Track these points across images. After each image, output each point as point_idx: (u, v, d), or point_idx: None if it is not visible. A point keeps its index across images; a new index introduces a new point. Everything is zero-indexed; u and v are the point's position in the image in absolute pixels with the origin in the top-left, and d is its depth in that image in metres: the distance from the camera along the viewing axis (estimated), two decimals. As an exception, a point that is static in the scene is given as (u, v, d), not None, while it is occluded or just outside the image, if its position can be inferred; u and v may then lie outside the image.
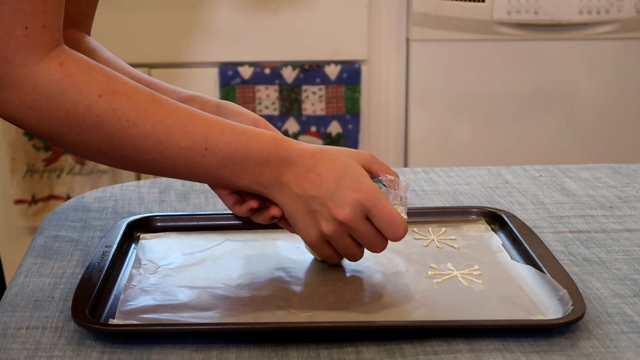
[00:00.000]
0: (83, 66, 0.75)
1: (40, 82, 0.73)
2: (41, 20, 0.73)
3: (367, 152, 0.84)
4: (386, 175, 0.83)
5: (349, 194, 0.79)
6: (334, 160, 0.80)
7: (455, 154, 2.26)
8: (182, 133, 0.77)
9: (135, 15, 2.11)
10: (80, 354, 0.74)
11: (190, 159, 0.78)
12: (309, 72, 2.16)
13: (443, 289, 0.84)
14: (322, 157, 0.80)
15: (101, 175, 2.19)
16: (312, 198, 0.80)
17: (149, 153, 0.77)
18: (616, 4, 2.16)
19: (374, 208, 0.79)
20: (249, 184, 0.81)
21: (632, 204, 1.08)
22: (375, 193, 0.79)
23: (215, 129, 0.78)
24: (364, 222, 0.80)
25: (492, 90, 2.23)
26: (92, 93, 0.74)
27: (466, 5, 2.13)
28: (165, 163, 0.78)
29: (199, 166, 0.79)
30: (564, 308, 0.77)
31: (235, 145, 0.79)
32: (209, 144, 0.78)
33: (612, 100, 2.26)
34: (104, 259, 0.87)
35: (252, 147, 0.79)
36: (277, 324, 0.77)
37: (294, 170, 0.80)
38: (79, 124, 0.75)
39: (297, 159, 0.80)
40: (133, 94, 0.76)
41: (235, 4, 2.13)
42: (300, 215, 0.81)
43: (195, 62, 2.16)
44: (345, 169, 0.80)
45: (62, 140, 0.77)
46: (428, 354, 0.73)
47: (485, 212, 1.00)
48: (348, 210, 0.79)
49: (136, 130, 0.76)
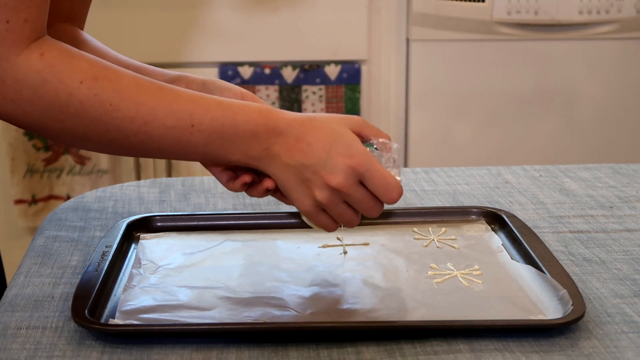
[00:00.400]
0: (64, 55, 0.75)
1: (22, 74, 0.73)
2: (24, 15, 0.73)
3: (357, 117, 0.83)
4: (377, 139, 0.82)
5: (340, 160, 0.78)
6: (323, 128, 0.79)
7: (455, 154, 2.26)
8: (167, 112, 0.77)
9: (135, 15, 2.11)
10: (80, 354, 0.74)
11: (177, 137, 0.77)
12: (309, 72, 2.16)
13: (443, 289, 0.84)
14: (312, 125, 0.79)
15: (101, 175, 2.19)
16: (304, 167, 0.79)
17: (136, 135, 0.77)
18: (616, 4, 2.16)
19: (367, 172, 0.78)
20: (239, 158, 0.80)
21: (632, 204, 1.08)
22: (367, 157, 0.78)
23: (200, 106, 0.78)
24: (357, 187, 0.79)
25: (492, 90, 2.23)
26: (74, 80, 0.74)
27: (466, 5, 2.13)
28: (153, 144, 0.78)
29: (186, 144, 0.78)
30: (564, 308, 0.77)
31: (222, 120, 0.78)
32: (195, 121, 0.77)
33: (612, 100, 2.26)
34: (104, 259, 0.87)
35: (239, 121, 0.78)
36: (277, 324, 0.77)
37: (283, 141, 0.79)
38: (63, 112, 0.75)
39: (286, 129, 0.79)
40: (115, 77, 0.76)
41: (235, 4, 2.13)
42: (293, 185, 0.80)
43: (195, 62, 2.16)
44: (335, 136, 0.79)
45: (48, 130, 0.77)
46: (428, 354, 0.73)
47: (485, 212, 1.00)
48: (341, 177, 0.78)
49: (120, 113, 0.75)
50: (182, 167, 2.19)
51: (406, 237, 0.96)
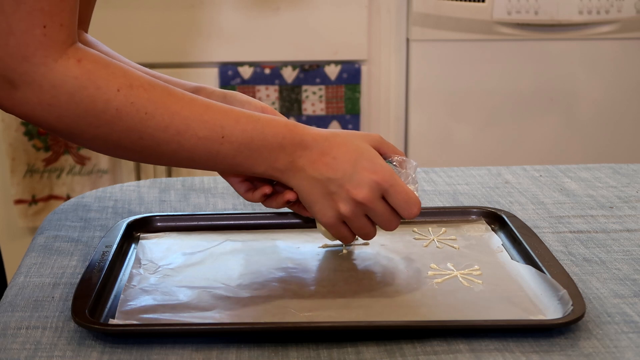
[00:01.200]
0: (100, 62, 0.76)
1: (59, 80, 0.74)
2: (59, 19, 0.74)
3: (376, 134, 0.86)
4: (396, 156, 0.86)
5: (366, 175, 0.81)
6: (347, 144, 0.82)
7: (455, 154, 2.26)
8: (200, 123, 0.78)
9: (135, 15, 2.11)
10: (80, 354, 0.74)
11: (208, 148, 0.79)
12: (309, 72, 2.16)
13: (443, 289, 0.84)
14: (336, 140, 0.82)
15: (101, 175, 2.19)
16: (329, 180, 0.82)
17: (168, 144, 0.78)
18: (616, 4, 2.16)
19: (391, 188, 0.82)
20: (264, 170, 0.82)
21: (632, 204, 1.08)
22: (391, 173, 0.82)
23: (230, 118, 0.80)
24: (380, 201, 0.82)
25: (492, 90, 2.23)
26: (111, 88, 0.75)
27: (466, 5, 2.13)
28: (184, 153, 0.79)
29: (216, 155, 0.80)
30: (564, 308, 0.77)
31: (251, 133, 0.80)
32: (226, 132, 0.79)
33: (612, 100, 2.26)
34: (104, 259, 0.87)
35: (267, 134, 0.80)
36: (277, 324, 0.77)
37: (308, 155, 0.82)
38: (99, 118, 0.76)
39: (312, 143, 0.82)
40: (149, 87, 0.77)
41: (236, 4, 2.13)
42: (317, 197, 0.83)
43: (195, 62, 2.16)
44: (359, 151, 0.82)
45: (82, 136, 0.77)
46: (428, 354, 0.73)
47: (485, 212, 1.00)
48: (366, 191, 0.81)
49: (155, 122, 0.77)
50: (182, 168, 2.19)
51: (406, 237, 0.96)
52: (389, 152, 0.86)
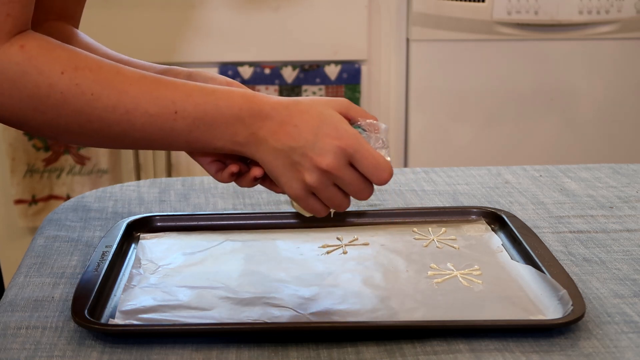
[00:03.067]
0: (44, 46, 0.74)
1: (1, 67, 0.73)
2: (5, 9, 0.72)
3: (343, 99, 0.81)
4: (365, 120, 0.81)
5: (329, 141, 0.77)
6: (309, 110, 0.78)
7: (455, 154, 2.26)
8: (149, 99, 0.76)
9: (135, 15, 2.11)
10: (80, 354, 0.74)
11: (161, 125, 0.76)
12: (309, 72, 2.16)
13: (443, 289, 0.84)
14: (297, 108, 0.78)
15: (101, 175, 2.19)
16: (291, 150, 0.77)
17: (118, 124, 0.76)
18: (616, 4, 2.16)
19: (357, 153, 0.77)
20: (224, 144, 0.79)
21: (632, 204, 1.08)
22: (356, 138, 0.77)
23: (182, 92, 0.77)
24: (347, 168, 0.77)
25: (492, 90, 2.23)
26: (54, 71, 0.73)
27: (466, 5, 2.13)
28: (136, 133, 0.77)
29: (170, 132, 0.77)
30: (564, 308, 0.77)
31: (205, 106, 0.77)
32: (178, 107, 0.76)
33: (612, 100, 2.26)
34: (104, 259, 0.87)
35: (222, 106, 0.77)
36: (277, 324, 0.77)
37: (269, 125, 0.78)
38: (44, 103, 0.74)
39: (271, 112, 0.78)
40: (95, 67, 0.75)
41: (236, 4, 2.13)
42: (281, 169, 0.79)
43: (195, 62, 2.16)
44: (322, 118, 0.78)
45: (29, 123, 0.76)
46: (428, 354, 0.73)
47: (485, 212, 1.00)
48: (330, 158, 0.76)
49: (102, 102, 0.75)
50: (182, 167, 2.19)
51: (406, 237, 0.96)
52: (357, 116, 0.81)
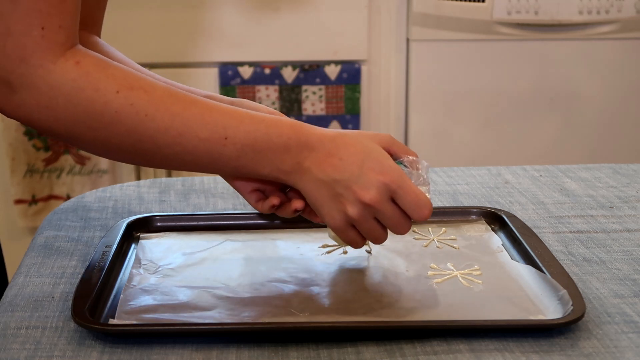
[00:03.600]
0: (99, 64, 0.75)
1: (57, 82, 0.73)
2: (58, 21, 0.73)
3: (386, 134, 0.83)
4: (407, 156, 0.83)
5: (373, 176, 0.78)
6: (354, 144, 0.80)
7: (455, 154, 2.26)
8: (201, 124, 0.77)
9: (135, 15, 2.11)
10: (80, 354, 0.74)
11: (210, 149, 0.78)
12: (309, 72, 2.16)
13: (443, 289, 0.84)
14: (343, 140, 0.80)
15: (101, 175, 2.19)
16: (336, 182, 0.79)
17: (169, 146, 0.77)
18: (616, 4, 2.16)
19: (400, 189, 0.79)
20: (270, 172, 0.80)
21: (632, 204, 1.08)
22: (399, 174, 0.79)
23: (233, 119, 0.78)
24: (389, 203, 0.79)
25: (492, 90, 2.23)
26: (110, 89, 0.74)
27: (466, 5, 2.13)
28: (186, 155, 0.78)
29: (219, 157, 0.78)
30: (564, 308, 0.77)
31: (255, 134, 0.78)
32: (229, 133, 0.78)
33: (612, 100, 2.26)
34: (104, 259, 0.87)
35: (271, 135, 0.79)
36: (277, 324, 0.77)
37: (315, 156, 0.79)
38: (98, 121, 0.75)
39: (317, 144, 0.79)
40: (150, 88, 0.76)
41: (236, 4, 2.13)
42: (324, 200, 0.80)
43: (195, 62, 2.16)
44: (367, 152, 0.79)
45: (81, 138, 0.76)
46: (428, 354, 0.73)
47: (485, 212, 1.00)
48: (374, 193, 0.78)
49: (155, 124, 0.76)
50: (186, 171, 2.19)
51: (406, 237, 0.96)
52: (399, 152, 0.83)
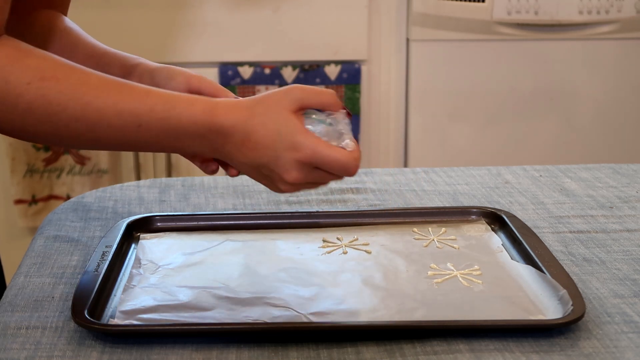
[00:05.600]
0: (13, 55, 0.75)
1: None
2: None
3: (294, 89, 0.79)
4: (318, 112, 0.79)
5: (289, 155, 0.77)
6: (266, 124, 0.78)
7: (455, 154, 2.26)
8: (113, 113, 0.76)
9: (135, 15, 2.11)
10: (80, 354, 0.74)
11: (126, 136, 0.77)
12: (309, 72, 2.16)
13: (443, 289, 0.84)
14: (255, 122, 0.78)
15: (101, 175, 2.19)
16: (259, 166, 0.79)
17: (84, 134, 0.77)
18: (616, 4, 2.15)
19: (318, 162, 0.77)
20: (194, 152, 0.81)
21: (632, 204, 1.08)
22: (313, 148, 0.77)
23: (145, 105, 0.77)
24: (315, 172, 0.78)
25: (492, 90, 2.23)
26: (21, 81, 0.74)
27: (466, 5, 2.13)
28: (105, 140, 0.78)
29: (136, 142, 0.79)
30: (564, 308, 0.77)
31: (167, 122, 0.77)
32: (141, 121, 0.77)
33: (612, 100, 2.26)
34: (104, 259, 0.87)
35: (184, 122, 0.77)
36: (277, 324, 0.77)
37: (232, 141, 0.78)
38: (12, 111, 0.75)
39: (231, 130, 0.78)
40: (63, 77, 0.76)
41: (236, 3, 2.13)
42: (258, 178, 0.81)
43: (195, 62, 2.16)
44: (278, 130, 0.77)
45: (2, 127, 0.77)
46: (428, 354, 0.73)
47: (485, 212, 1.00)
48: (295, 172, 0.78)
49: (67, 113, 0.75)
50: (182, 167, 2.19)
51: (406, 237, 0.96)
52: (312, 103, 0.79)
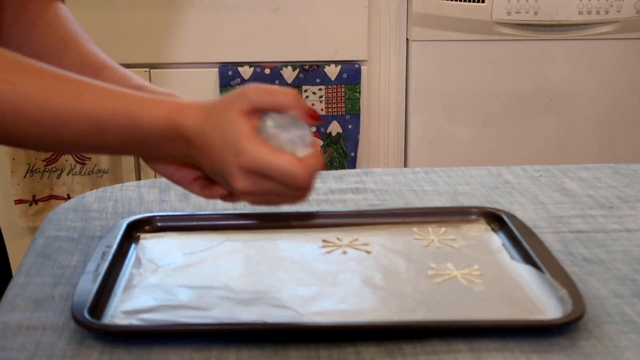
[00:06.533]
0: None
1: None
2: None
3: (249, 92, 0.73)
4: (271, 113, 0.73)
5: (234, 161, 0.72)
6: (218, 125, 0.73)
7: (455, 154, 2.26)
8: (72, 116, 0.73)
9: (135, 15, 2.11)
10: (80, 354, 0.74)
11: (90, 140, 0.75)
12: (309, 72, 2.16)
13: (443, 289, 0.84)
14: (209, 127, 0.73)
15: (101, 175, 2.19)
16: (215, 173, 0.76)
17: (47, 137, 0.75)
18: (616, 4, 2.16)
19: (261, 169, 0.71)
20: (165, 156, 0.78)
21: (632, 204, 1.08)
22: (255, 154, 0.71)
23: (107, 110, 0.74)
24: (265, 181, 0.72)
25: (492, 90, 2.23)
26: None
27: (466, 5, 2.13)
28: (68, 144, 0.76)
29: (102, 146, 0.76)
30: (563, 308, 0.77)
31: (131, 127, 0.74)
32: (104, 126, 0.74)
33: (612, 100, 2.26)
34: (104, 259, 0.87)
35: (147, 128, 0.74)
36: (277, 324, 0.77)
37: (194, 147, 0.74)
38: None
39: (192, 136, 0.74)
40: (16, 79, 0.73)
41: (236, 4, 2.13)
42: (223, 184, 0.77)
43: (195, 63, 2.16)
44: (225, 135, 0.72)
45: None
46: (428, 354, 0.73)
47: (485, 212, 1.00)
48: (240, 180, 0.72)
49: (25, 118, 0.73)
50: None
51: (406, 237, 0.96)
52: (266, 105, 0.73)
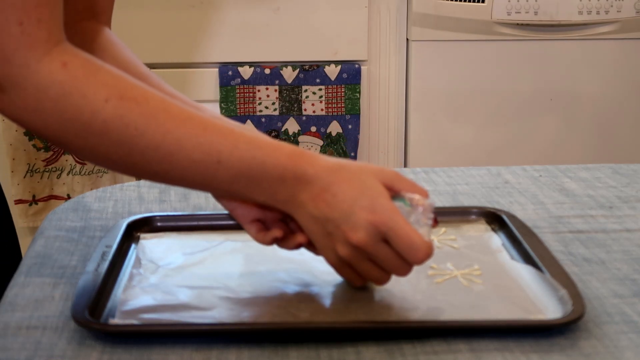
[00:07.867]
0: (88, 67, 0.71)
1: (43, 84, 0.69)
2: (35, 14, 0.69)
3: (391, 170, 0.77)
4: (412, 195, 0.77)
5: (363, 215, 0.73)
6: (351, 179, 0.74)
7: (455, 154, 2.26)
8: (194, 145, 0.73)
9: (135, 15, 2.11)
10: (80, 354, 0.74)
11: (202, 172, 0.74)
12: (309, 72, 2.16)
13: (443, 289, 0.84)
14: (340, 175, 0.75)
15: (101, 175, 2.19)
16: (327, 220, 0.75)
17: (159, 164, 0.73)
18: (616, 4, 2.16)
19: (390, 231, 0.73)
20: (264, 200, 0.77)
21: (632, 204, 1.08)
22: (391, 214, 0.73)
23: (228, 142, 0.74)
24: (381, 245, 0.74)
25: (492, 90, 2.23)
26: (98, 97, 0.70)
27: (466, 5, 2.13)
28: (176, 174, 0.75)
29: (211, 180, 0.75)
30: (563, 308, 0.77)
31: (250, 162, 0.74)
32: (222, 157, 0.73)
33: (612, 100, 2.26)
34: (104, 259, 0.87)
35: (267, 164, 0.74)
36: (277, 324, 0.77)
37: (309, 190, 0.75)
38: (85, 129, 0.71)
39: (314, 178, 0.74)
40: (142, 99, 0.72)
41: (236, 4, 2.13)
42: (317, 236, 0.77)
43: (195, 62, 2.16)
44: (362, 189, 0.74)
45: (70, 145, 0.73)
46: (428, 354, 0.73)
47: (485, 212, 1.00)
48: (362, 234, 0.73)
49: (145, 140, 0.72)
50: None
51: (406, 237, 0.96)
52: (404, 189, 0.76)
